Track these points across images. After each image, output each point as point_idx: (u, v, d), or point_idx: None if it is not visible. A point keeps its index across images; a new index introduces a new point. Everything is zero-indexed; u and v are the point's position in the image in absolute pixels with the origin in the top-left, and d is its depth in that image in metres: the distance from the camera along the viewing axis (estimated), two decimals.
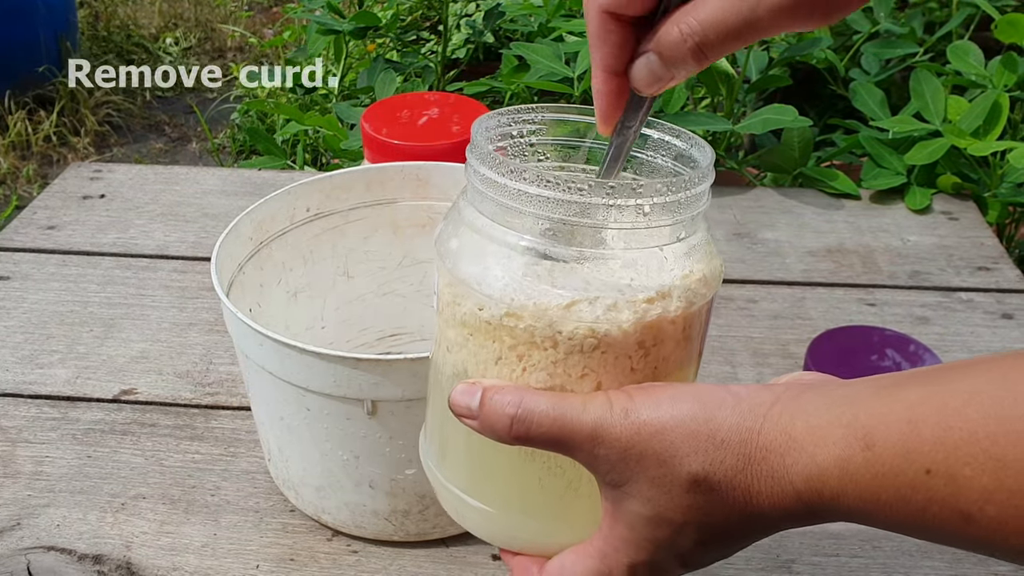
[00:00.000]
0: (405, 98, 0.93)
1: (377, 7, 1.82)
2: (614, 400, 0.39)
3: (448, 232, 0.44)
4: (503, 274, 0.41)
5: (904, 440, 0.33)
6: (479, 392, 0.41)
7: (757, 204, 1.04)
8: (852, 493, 0.34)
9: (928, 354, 0.78)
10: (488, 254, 0.41)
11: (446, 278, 0.43)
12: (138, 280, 0.93)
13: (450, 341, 0.43)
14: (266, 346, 0.57)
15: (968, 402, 0.33)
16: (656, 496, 0.38)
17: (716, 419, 0.37)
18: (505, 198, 0.40)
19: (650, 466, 0.38)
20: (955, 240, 0.97)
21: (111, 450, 0.73)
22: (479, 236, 0.42)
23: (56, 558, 0.64)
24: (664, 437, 0.37)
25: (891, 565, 0.64)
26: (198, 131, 2.49)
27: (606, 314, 0.40)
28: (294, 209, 0.71)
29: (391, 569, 0.64)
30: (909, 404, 0.34)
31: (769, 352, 0.83)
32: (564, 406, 0.39)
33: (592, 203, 0.38)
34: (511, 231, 0.40)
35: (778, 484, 0.36)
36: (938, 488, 0.33)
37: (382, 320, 0.80)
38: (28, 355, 0.83)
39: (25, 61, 2.43)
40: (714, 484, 0.37)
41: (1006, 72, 1.05)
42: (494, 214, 0.41)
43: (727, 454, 0.36)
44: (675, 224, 0.40)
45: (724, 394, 0.38)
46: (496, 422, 0.40)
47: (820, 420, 0.35)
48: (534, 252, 0.40)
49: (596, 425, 0.38)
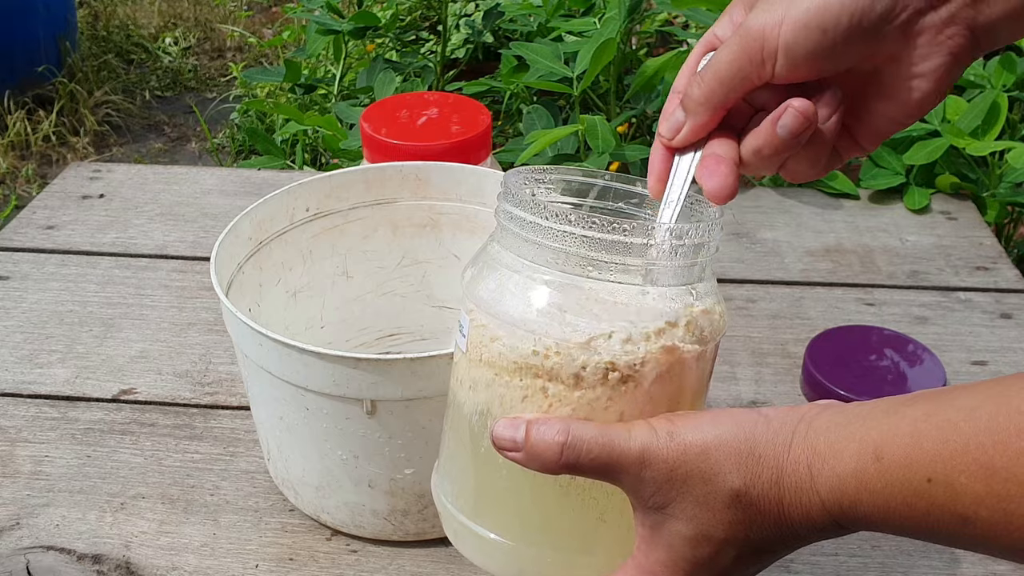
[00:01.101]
0: (404, 98, 0.93)
1: (376, 7, 1.82)
2: (657, 426, 0.41)
3: (478, 275, 0.46)
4: (531, 313, 0.43)
5: (908, 453, 0.37)
6: (522, 425, 0.42)
7: (756, 204, 1.04)
8: (867, 501, 0.38)
9: (927, 354, 0.78)
10: (519, 294, 0.44)
11: (476, 319, 0.45)
12: (137, 280, 0.93)
13: (474, 381, 0.45)
14: (265, 346, 0.57)
15: (966, 418, 0.36)
16: (700, 514, 0.40)
17: (753, 438, 0.40)
18: (546, 239, 0.42)
19: (695, 485, 0.40)
20: (954, 240, 0.97)
21: (110, 450, 0.73)
22: (512, 278, 0.44)
23: (55, 558, 0.64)
24: (709, 456, 0.40)
25: (889, 564, 0.64)
26: (197, 131, 2.49)
27: (624, 347, 0.42)
28: (293, 209, 0.71)
29: (390, 568, 0.64)
30: (913, 420, 0.37)
31: (768, 352, 0.83)
32: (611, 433, 0.41)
33: (633, 243, 0.41)
34: (546, 269, 0.43)
35: (805, 495, 0.39)
36: (938, 495, 0.36)
37: (381, 320, 0.80)
38: (27, 355, 0.83)
39: (24, 61, 2.43)
40: (753, 499, 0.40)
41: (1005, 72, 1.05)
42: (533, 255, 0.43)
43: (763, 468, 0.39)
44: (697, 264, 0.43)
45: (756, 415, 0.41)
46: (544, 451, 0.42)
47: (839, 436, 0.39)
48: (566, 289, 0.43)
49: (643, 449, 0.41)
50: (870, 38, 0.42)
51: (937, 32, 0.42)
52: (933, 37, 0.42)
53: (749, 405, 0.76)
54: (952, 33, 0.42)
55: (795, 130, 0.43)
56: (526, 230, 0.43)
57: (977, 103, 1.01)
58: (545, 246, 0.43)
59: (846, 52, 0.42)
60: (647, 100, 1.23)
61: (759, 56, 0.43)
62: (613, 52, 1.10)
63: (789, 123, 0.43)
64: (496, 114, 1.53)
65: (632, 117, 1.28)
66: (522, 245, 0.43)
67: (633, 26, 1.33)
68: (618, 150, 1.04)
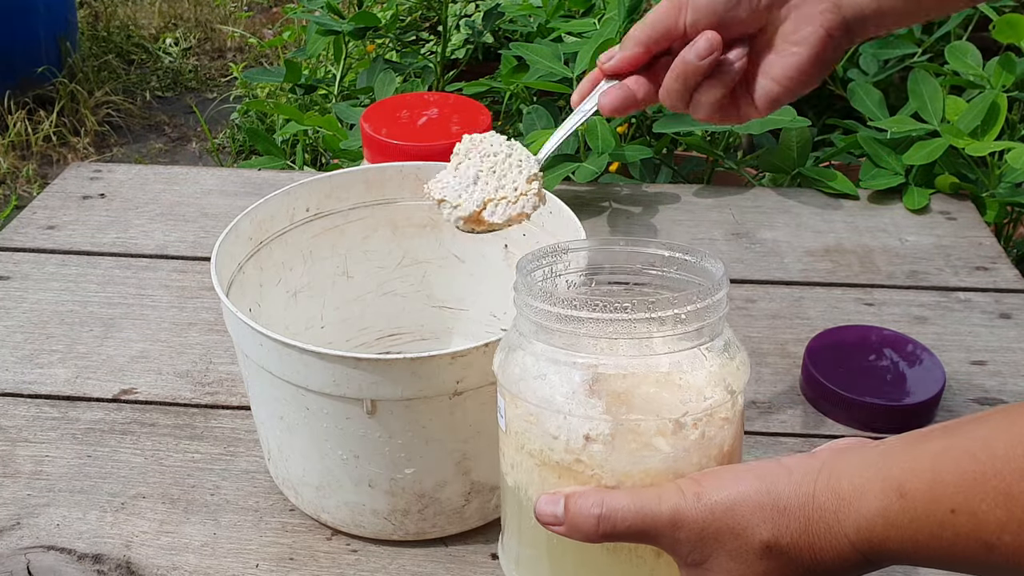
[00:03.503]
0: (404, 98, 0.93)
1: (376, 7, 1.82)
2: (684, 488, 0.44)
3: (510, 360, 0.48)
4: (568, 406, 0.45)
5: (931, 487, 0.38)
6: (561, 500, 0.45)
7: (755, 204, 1.04)
8: (895, 537, 0.39)
9: (926, 353, 0.78)
10: (550, 384, 0.46)
11: (517, 409, 0.48)
12: (138, 280, 0.93)
13: (514, 461, 0.49)
14: (266, 345, 0.57)
15: (982, 448, 0.37)
16: (735, 567, 0.43)
17: (776, 490, 0.42)
18: (559, 324, 0.45)
19: (726, 540, 0.42)
20: (953, 240, 0.98)
21: (111, 450, 0.73)
22: (540, 364, 0.46)
23: (56, 557, 0.65)
24: (735, 512, 0.42)
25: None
26: (198, 131, 2.49)
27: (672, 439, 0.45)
28: (294, 209, 0.71)
29: (390, 568, 0.64)
30: (933, 454, 0.39)
31: (767, 352, 0.83)
32: (642, 500, 0.44)
33: (636, 319, 0.44)
34: (570, 353, 0.45)
35: (835, 538, 0.41)
36: (962, 524, 0.37)
37: (381, 320, 0.80)
38: (28, 355, 0.83)
39: (25, 61, 2.43)
40: (784, 548, 0.42)
41: (1004, 72, 1.05)
42: (551, 340, 0.46)
43: (791, 520, 0.41)
44: (707, 325, 0.46)
45: (777, 467, 0.43)
46: (582, 523, 0.44)
47: (861, 478, 0.41)
48: (592, 372, 0.45)
49: (674, 512, 0.43)
50: (756, 2, 0.56)
51: (813, 6, 0.55)
52: (808, 10, 0.56)
53: (748, 405, 0.77)
54: (823, 8, 0.55)
55: (702, 52, 0.56)
56: (545, 318, 0.46)
57: (976, 103, 1.01)
58: (568, 332, 0.45)
59: (737, 10, 0.56)
60: None
61: (677, 7, 0.58)
62: None
63: (700, 44, 0.56)
64: (496, 114, 1.53)
65: (632, 117, 1.28)
66: (542, 332, 0.46)
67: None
68: (618, 150, 1.04)
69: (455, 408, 0.58)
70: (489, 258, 0.76)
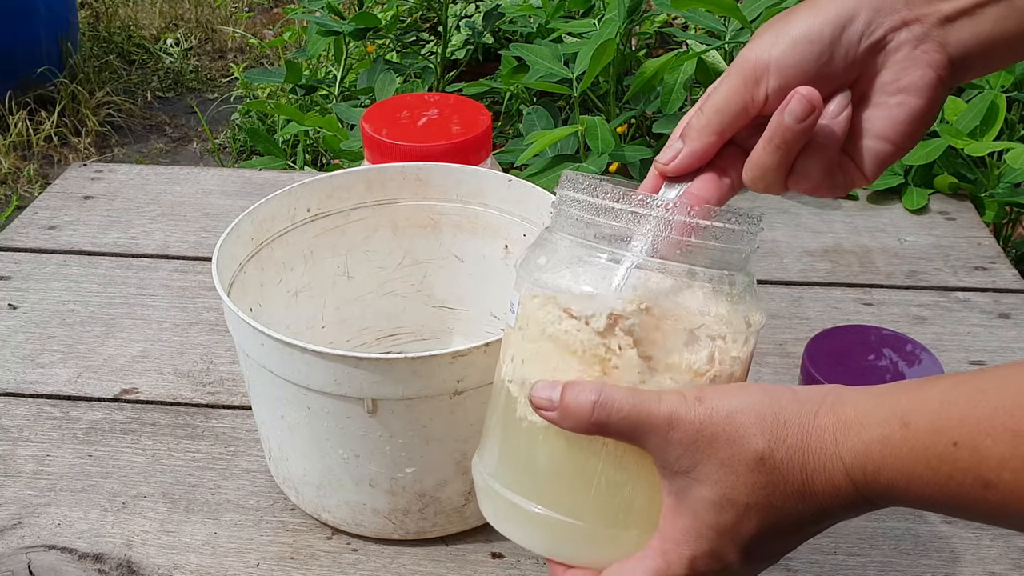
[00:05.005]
0: (405, 99, 0.93)
1: (377, 8, 1.83)
2: (686, 393, 0.43)
3: (539, 255, 0.47)
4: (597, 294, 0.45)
5: (936, 418, 0.38)
6: (559, 386, 0.44)
7: (754, 204, 1.04)
8: (891, 466, 0.39)
9: (925, 353, 0.78)
10: (583, 268, 0.45)
11: (539, 298, 0.47)
12: (139, 280, 0.93)
13: (528, 354, 0.47)
14: (267, 345, 0.57)
15: (996, 387, 0.37)
16: (724, 477, 0.41)
17: (779, 405, 0.42)
18: (599, 216, 0.45)
19: (721, 447, 0.41)
20: (952, 240, 0.98)
21: (112, 449, 0.74)
22: (574, 250, 0.46)
23: (57, 557, 0.65)
24: (735, 419, 0.41)
25: (888, 564, 0.64)
26: (199, 131, 2.49)
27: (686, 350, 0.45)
28: (295, 209, 0.72)
29: (391, 567, 0.64)
30: (943, 389, 0.39)
31: (767, 351, 0.83)
32: (641, 395, 0.43)
33: (674, 220, 0.44)
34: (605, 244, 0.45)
35: (829, 461, 0.40)
36: (962, 458, 0.37)
37: (382, 320, 0.80)
38: (29, 354, 0.83)
39: (26, 62, 2.43)
40: (776, 462, 0.41)
41: (1003, 73, 1.05)
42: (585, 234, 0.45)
43: (788, 434, 0.41)
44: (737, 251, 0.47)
45: (784, 388, 0.43)
46: (577, 410, 0.43)
47: (867, 405, 0.40)
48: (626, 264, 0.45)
49: (671, 412, 0.42)
50: (852, 50, 0.46)
51: (913, 48, 0.46)
52: (910, 52, 0.46)
53: None
54: (927, 49, 0.46)
55: (800, 114, 0.45)
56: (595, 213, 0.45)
57: (975, 103, 1.01)
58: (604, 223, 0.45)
59: (831, 64, 0.46)
60: (646, 101, 1.23)
61: (752, 77, 0.46)
62: (612, 53, 1.10)
63: (795, 107, 0.45)
64: (496, 115, 1.53)
65: (631, 118, 1.28)
66: (585, 228, 0.46)
67: (632, 27, 1.34)
68: (617, 151, 1.04)
69: (456, 407, 0.58)
70: (489, 258, 0.76)
